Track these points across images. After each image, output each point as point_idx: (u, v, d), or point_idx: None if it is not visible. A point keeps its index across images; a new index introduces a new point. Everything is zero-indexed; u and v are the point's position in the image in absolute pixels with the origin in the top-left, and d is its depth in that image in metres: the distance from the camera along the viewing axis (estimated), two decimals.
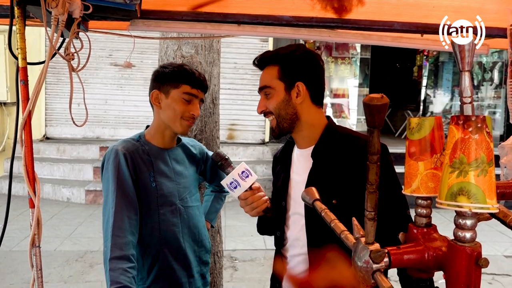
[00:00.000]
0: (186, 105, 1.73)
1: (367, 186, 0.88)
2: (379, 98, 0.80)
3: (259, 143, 8.23)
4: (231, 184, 1.51)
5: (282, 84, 1.48)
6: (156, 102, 1.76)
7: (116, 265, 1.52)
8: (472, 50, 0.92)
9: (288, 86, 1.48)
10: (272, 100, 1.49)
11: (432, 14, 1.79)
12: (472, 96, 0.94)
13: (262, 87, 1.52)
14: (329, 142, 1.48)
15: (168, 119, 1.74)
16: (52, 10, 1.14)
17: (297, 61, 1.48)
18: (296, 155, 1.59)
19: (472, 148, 0.79)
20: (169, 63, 1.82)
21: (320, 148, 1.48)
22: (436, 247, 0.89)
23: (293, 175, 1.57)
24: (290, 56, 1.48)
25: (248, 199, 1.51)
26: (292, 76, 1.47)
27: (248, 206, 1.52)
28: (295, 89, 1.47)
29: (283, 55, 1.49)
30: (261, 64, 1.55)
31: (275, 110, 1.49)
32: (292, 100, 1.48)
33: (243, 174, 1.50)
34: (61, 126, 8.12)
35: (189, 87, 1.72)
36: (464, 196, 0.78)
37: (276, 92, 1.48)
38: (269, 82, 1.50)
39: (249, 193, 1.52)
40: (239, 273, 4.35)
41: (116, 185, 1.61)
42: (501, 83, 9.48)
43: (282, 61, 1.48)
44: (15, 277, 4.06)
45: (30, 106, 1.18)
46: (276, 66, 1.49)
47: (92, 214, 6.08)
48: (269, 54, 1.53)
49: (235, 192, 1.51)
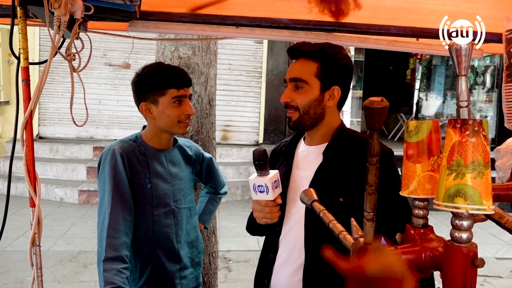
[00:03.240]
0: (178, 108, 1.71)
1: (366, 187, 0.89)
2: (379, 101, 0.82)
3: (253, 144, 8.25)
4: (259, 186, 1.42)
5: (319, 83, 1.46)
6: (148, 113, 1.74)
7: (110, 266, 1.53)
8: (469, 54, 0.94)
9: (324, 87, 1.46)
10: (304, 96, 1.46)
11: (427, 18, 1.81)
12: (468, 100, 0.96)
13: (295, 78, 1.47)
14: (341, 142, 1.50)
15: (166, 126, 1.73)
16: (55, 11, 1.15)
17: (338, 65, 1.47)
18: (302, 150, 1.60)
19: (469, 151, 0.81)
20: (143, 68, 1.76)
21: (332, 147, 1.49)
22: (433, 247, 0.91)
23: (296, 170, 1.57)
24: (333, 57, 1.46)
25: (266, 208, 1.44)
26: (331, 78, 1.46)
27: (263, 214, 1.46)
28: (330, 91, 1.47)
29: (327, 55, 1.46)
30: (298, 54, 1.50)
31: (304, 106, 1.46)
32: (324, 101, 1.47)
33: (275, 183, 1.42)
34: (54, 125, 8.08)
35: (175, 90, 1.69)
36: (461, 198, 0.80)
37: (311, 89, 1.46)
38: (305, 76, 1.46)
39: (271, 203, 1.44)
40: (233, 273, 4.36)
41: (112, 186, 1.62)
42: (493, 87, 9.57)
43: (325, 60, 1.46)
44: (9, 276, 4.04)
45: (31, 106, 1.19)
46: (317, 63, 1.46)
47: (85, 214, 6.06)
48: (309, 48, 1.48)
49: (258, 195, 1.43)
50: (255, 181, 1.42)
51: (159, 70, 1.72)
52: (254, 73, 8.31)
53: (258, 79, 8.30)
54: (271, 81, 8.28)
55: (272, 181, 1.40)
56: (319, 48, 1.47)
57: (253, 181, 1.43)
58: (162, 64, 1.77)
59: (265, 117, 8.29)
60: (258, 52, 8.26)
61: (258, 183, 1.41)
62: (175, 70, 1.72)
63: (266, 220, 1.47)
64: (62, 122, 8.02)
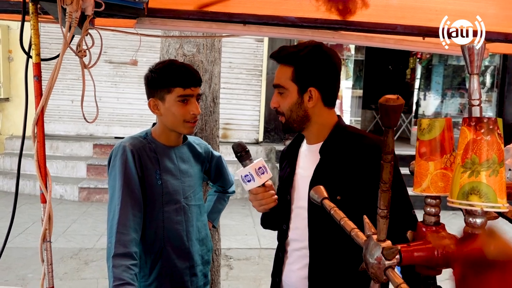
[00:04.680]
0: (184, 107, 1.70)
1: (381, 185, 0.90)
2: (395, 99, 0.82)
3: (253, 143, 8.24)
4: (245, 176, 1.51)
5: (295, 87, 1.49)
6: (155, 109, 1.74)
7: (119, 262, 1.54)
8: (481, 53, 0.95)
9: (301, 90, 1.49)
10: (285, 101, 1.50)
11: (434, 17, 1.81)
12: (480, 98, 0.97)
13: (276, 85, 1.53)
14: (337, 139, 1.51)
15: (171, 124, 1.73)
16: (67, 7, 1.15)
17: (312, 65, 1.48)
18: (303, 150, 1.62)
19: (484, 149, 0.81)
20: (157, 64, 1.78)
21: (328, 145, 1.51)
22: (445, 245, 0.92)
23: (299, 169, 1.60)
24: (305, 59, 1.48)
25: (258, 195, 1.52)
26: (305, 80, 1.48)
27: (257, 201, 1.53)
28: (308, 93, 1.49)
29: (299, 57, 1.48)
30: (278, 60, 1.54)
31: (287, 111, 1.51)
32: (304, 103, 1.49)
33: (259, 170, 1.50)
34: (54, 123, 8.06)
35: (181, 89, 1.69)
36: (476, 195, 0.81)
37: (290, 93, 1.49)
38: (283, 82, 1.50)
39: (261, 189, 1.52)
40: (234, 271, 4.37)
41: (122, 182, 1.62)
42: (493, 87, 9.58)
43: (297, 63, 1.48)
44: (10, 273, 4.04)
45: (43, 102, 1.19)
46: (291, 67, 1.49)
47: (85, 212, 6.06)
48: (285, 52, 1.51)
49: (247, 185, 1.52)
50: (241, 173, 1.52)
51: (169, 67, 1.72)
52: (254, 72, 8.30)
53: (259, 77, 8.29)
54: (272, 80, 8.22)
55: (254, 168, 1.50)
56: (292, 52, 1.50)
57: (239, 173, 1.53)
58: (174, 62, 1.77)
59: (265, 116, 8.29)
60: (258, 50, 8.25)
61: (244, 173, 1.51)
62: (184, 69, 1.72)
63: (263, 207, 1.54)
64: (62, 120, 8.00)
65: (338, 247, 1.46)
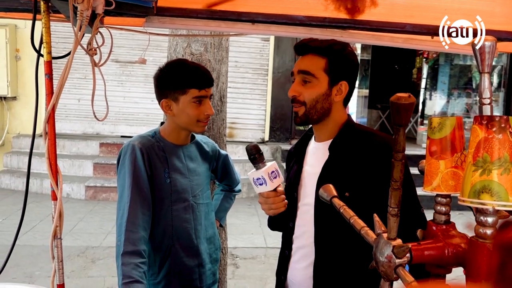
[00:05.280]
0: (198, 108, 1.71)
1: (392, 183, 0.90)
2: (407, 97, 0.83)
3: (259, 142, 8.23)
4: (257, 180, 1.48)
5: (327, 78, 1.47)
6: (168, 110, 1.74)
7: (128, 260, 1.55)
8: (492, 52, 0.95)
9: (332, 82, 1.48)
10: (311, 90, 1.48)
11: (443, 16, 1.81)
12: (491, 97, 0.97)
13: (303, 71, 1.48)
14: (347, 137, 1.51)
15: (185, 124, 1.74)
16: (78, 5, 1.16)
17: (346, 60, 1.49)
18: (312, 148, 1.62)
19: (496, 148, 0.81)
20: (167, 64, 1.77)
21: (337, 142, 1.51)
22: (456, 243, 0.92)
23: (306, 166, 1.59)
24: (340, 53, 1.48)
25: (269, 199, 1.49)
26: (339, 73, 1.48)
27: (268, 205, 1.51)
28: (338, 86, 1.49)
29: (335, 50, 1.48)
30: (306, 50, 1.51)
31: (311, 101, 1.48)
32: (331, 96, 1.49)
33: (272, 174, 1.47)
34: (60, 121, 8.08)
35: (197, 90, 1.69)
36: (487, 194, 0.81)
37: (319, 83, 1.47)
38: (314, 70, 1.47)
39: (272, 194, 1.49)
40: (241, 270, 4.37)
41: (131, 180, 1.63)
42: (500, 87, 9.53)
43: (332, 56, 1.48)
44: (18, 271, 4.07)
45: (54, 99, 1.20)
46: (324, 58, 1.47)
47: (92, 210, 6.09)
48: (317, 43, 1.50)
49: (258, 188, 1.49)
50: (253, 175, 1.49)
51: (183, 68, 1.71)
52: (260, 71, 8.30)
53: (265, 76, 8.29)
54: (278, 79, 8.27)
55: (268, 172, 1.46)
56: (327, 44, 1.49)
57: (251, 176, 1.49)
58: (187, 62, 1.77)
59: (271, 115, 8.29)
60: (264, 49, 8.24)
61: (256, 176, 1.48)
62: (198, 70, 1.72)
63: (273, 211, 1.52)
64: (68, 118, 8.03)
65: (344, 245, 1.46)
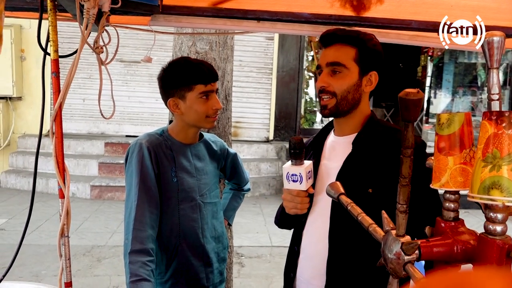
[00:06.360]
0: (206, 103, 1.71)
1: (400, 179, 0.89)
2: (415, 92, 0.82)
3: (263, 141, 8.24)
4: (293, 175, 1.40)
5: (357, 68, 1.45)
6: (175, 108, 1.73)
7: (136, 258, 1.55)
8: (501, 47, 0.94)
9: (363, 72, 1.46)
10: (342, 81, 1.45)
11: (449, 13, 1.80)
12: (500, 93, 0.96)
13: (333, 62, 1.45)
14: (372, 132, 1.48)
15: (194, 121, 1.74)
16: (85, 4, 1.16)
17: (375, 50, 1.47)
18: (331, 142, 1.58)
19: (505, 143, 0.80)
20: (170, 63, 1.77)
21: (362, 137, 1.48)
22: (465, 240, 0.91)
23: (325, 161, 1.56)
24: (369, 42, 1.46)
25: (298, 198, 1.44)
26: (369, 63, 1.46)
27: (293, 203, 1.45)
28: (368, 76, 1.47)
29: (364, 40, 1.46)
30: (333, 39, 1.48)
31: (343, 92, 1.44)
32: (361, 86, 1.46)
33: (309, 173, 1.41)
34: (65, 121, 8.08)
35: (203, 85, 1.69)
36: (497, 190, 0.80)
37: (350, 73, 1.45)
38: (344, 60, 1.44)
39: (302, 193, 1.43)
40: (246, 269, 4.37)
41: (139, 179, 1.63)
42: (505, 84, 9.48)
43: (362, 46, 1.45)
44: (24, 270, 4.09)
45: (61, 98, 1.20)
46: (354, 48, 1.45)
47: (97, 209, 6.11)
48: (346, 33, 1.47)
49: (290, 184, 1.42)
50: (289, 170, 1.40)
51: (186, 65, 1.71)
52: (265, 70, 8.29)
53: (269, 75, 8.28)
54: (282, 78, 8.26)
55: (306, 171, 1.39)
56: (356, 34, 1.47)
57: (287, 170, 1.40)
58: (189, 59, 1.77)
59: (276, 114, 8.28)
60: (269, 48, 8.23)
61: (293, 172, 1.39)
62: (202, 65, 1.72)
63: (296, 210, 1.46)
64: (73, 118, 8.05)
65: (359, 242, 1.42)
